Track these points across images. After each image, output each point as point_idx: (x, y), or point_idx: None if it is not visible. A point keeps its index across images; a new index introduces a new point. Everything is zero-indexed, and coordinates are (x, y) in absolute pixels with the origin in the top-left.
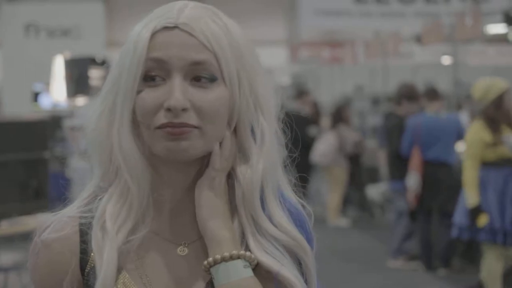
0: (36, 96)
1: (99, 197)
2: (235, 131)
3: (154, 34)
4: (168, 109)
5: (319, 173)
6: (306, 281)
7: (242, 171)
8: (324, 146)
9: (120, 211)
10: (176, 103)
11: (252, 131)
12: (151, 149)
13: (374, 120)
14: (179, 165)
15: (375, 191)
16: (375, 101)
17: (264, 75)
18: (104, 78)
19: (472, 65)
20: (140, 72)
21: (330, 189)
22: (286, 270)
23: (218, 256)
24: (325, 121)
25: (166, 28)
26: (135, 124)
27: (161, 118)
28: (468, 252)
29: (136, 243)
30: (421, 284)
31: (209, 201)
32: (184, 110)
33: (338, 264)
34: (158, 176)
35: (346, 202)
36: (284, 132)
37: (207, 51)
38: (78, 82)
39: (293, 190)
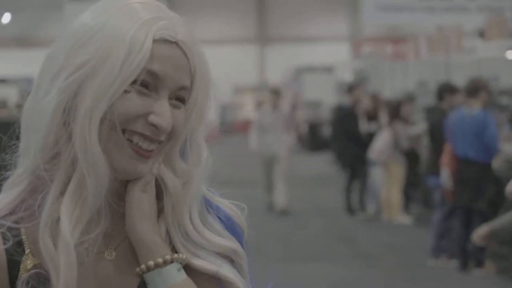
0: None
1: (41, 192)
2: None
3: (153, 42)
4: (153, 125)
5: (378, 171)
6: None
7: (173, 184)
8: (380, 143)
9: (74, 210)
10: (167, 125)
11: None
12: (107, 152)
13: None
14: None
15: None
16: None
17: (213, 96)
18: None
19: None
20: (133, 79)
21: (388, 186)
22: (224, 269)
23: (151, 263)
24: (384, 117)
25: (165, 40)
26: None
27: (140, 126)
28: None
29: (89, 244)
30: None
31: (141, 203)
32: (165, 132)
33: (398, 261)
34: None
35: (408, 199)
36: None
37: (190, 76)
38: None
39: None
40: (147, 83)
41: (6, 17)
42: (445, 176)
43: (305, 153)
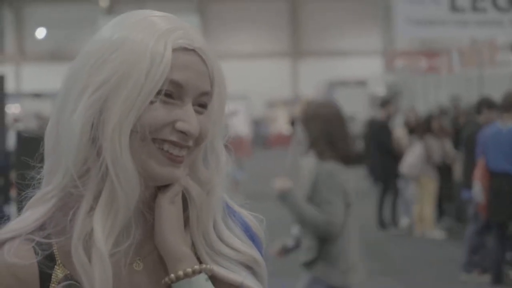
0: None
1: (72, 208)
2: None
3: (172, 52)
4: (182, 132)
5: (410, 185)
6: None
7: (197, 194)
8: (412, 157)
9: (106, 222)
10: (195, 131)
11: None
12: (140, 163)
13: None
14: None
15: None
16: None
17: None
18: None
19: None
20: (158, 89)
21: (421, 201)
22: (249, 280)
23: (180, 273)
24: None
25: (184, 49)
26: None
27: (168, 134)
28: None
29: (121, 256)
30: None
31: (170, 215)
32: (193, 138)
33: (430, 276)
34: None
35: (442, 213)
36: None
37: (210, 81)
38: None
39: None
40: (171, 92)
41: (41, 32)
42: (477, 190)
43: None
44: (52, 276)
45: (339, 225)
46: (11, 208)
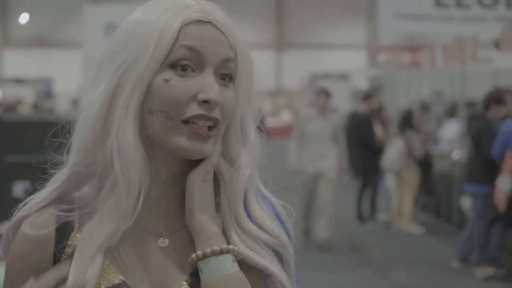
0: None
1: (82, 186)
2: None
3: (185, 25)
4: (205, 102)
5: (390, 179)
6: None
7: (229, 174)
8: (393, 152)
9: (107, 207)
10: (216, 96)
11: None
12: (161, 141)
13: (451, 126)
14: (178, 158)
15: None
16: (453, 107)
17: (255, 78)
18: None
19: None
20: (164, 59)
21: (401, 195)
22: (273, 265)
23: (208, 250)
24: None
25: (199, 21)
26: (140, 112)
27: (194, 109)
28: None
29: (118, 237)
30: None
31: (201, 194)
32: (217, 105)
33: (406, 273)
34: (151, 165)
35: (417, 208)
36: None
37: (232, 51)
38: None
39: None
40: (186, 62)
41: (25, 18)
42: (506, 181)
43: None
44: (69, 242)
45: None
46: None
